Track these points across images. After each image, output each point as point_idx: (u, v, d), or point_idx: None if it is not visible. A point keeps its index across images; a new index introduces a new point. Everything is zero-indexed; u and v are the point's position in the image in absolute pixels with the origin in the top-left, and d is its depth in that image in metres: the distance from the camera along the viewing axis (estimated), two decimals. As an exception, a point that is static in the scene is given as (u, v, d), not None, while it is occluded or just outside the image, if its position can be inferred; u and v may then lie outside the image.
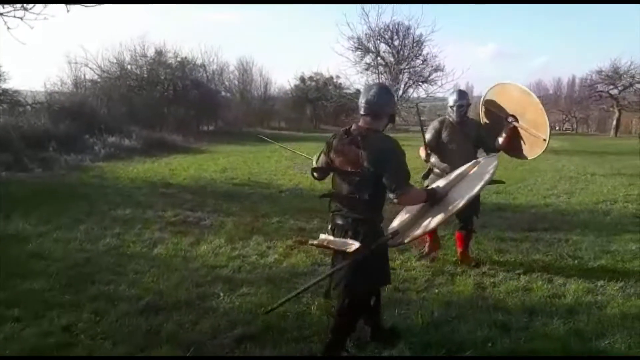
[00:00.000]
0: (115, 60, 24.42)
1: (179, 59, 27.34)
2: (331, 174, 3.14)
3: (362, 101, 2.97)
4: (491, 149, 4.88)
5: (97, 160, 13.10)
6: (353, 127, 2.98)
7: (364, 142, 2.84)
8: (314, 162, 3.30)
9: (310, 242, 3.16)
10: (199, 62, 29.63)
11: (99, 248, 5.30)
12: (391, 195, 2.89)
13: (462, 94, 5.03)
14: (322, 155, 3.18)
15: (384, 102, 2.97)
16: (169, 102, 25.96)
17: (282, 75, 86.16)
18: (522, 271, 4.71)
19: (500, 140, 4.80)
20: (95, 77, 23.82)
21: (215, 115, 30.32)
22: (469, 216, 4.89)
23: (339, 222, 3.01)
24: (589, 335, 3.41)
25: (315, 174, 3.20)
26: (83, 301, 3.83)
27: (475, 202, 4.35)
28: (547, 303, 3.98)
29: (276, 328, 3.44)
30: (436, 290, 4.24)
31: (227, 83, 36.28)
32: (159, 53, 26.28)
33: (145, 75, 25.55)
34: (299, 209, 7.44)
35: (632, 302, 3.99)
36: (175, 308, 3.75)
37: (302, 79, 46.78)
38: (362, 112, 2.96)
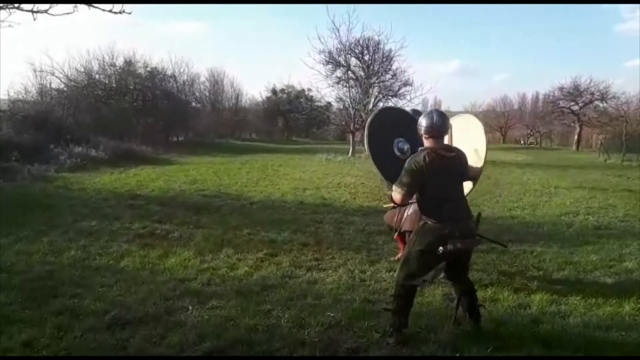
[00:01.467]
0: (82, 69, 23.92)
1: (148, 69, 27.01)
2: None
3: (433, 125, 3.48)
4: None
5: (62, 170, 12.75)
6: (435, 147, 3.46)
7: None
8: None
9: None
10: (169, 72, 29.35)
11: (63, 261, 5.15)
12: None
13: (416, 113, 5.10)
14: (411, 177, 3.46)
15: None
16: (138, 112, 25.55)
17: (253, 86, 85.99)
18: (489, 282, 4.81)
19: None
20: (62, 85, 23.25)
21: (185, 126, 30.00)
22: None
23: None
24: (553, 343, 3.50)
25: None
26: (46, 316, 3.72)
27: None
28: (514, 313, 4.07)
29: (245, 341, 3.41)
30: (406, 302, 4.28)
31: (197, 94, 35.99)
32: (128, 63, 25.90)
33: (114, 85, 25.11)
34: (270, 221, 7.42)
35: (593, 311, 4.12)
36: (143, 322, 3.68)
37: (274, 91, 46.89)
38: (434, 135, 3.49)
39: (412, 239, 3.61)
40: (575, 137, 46.52)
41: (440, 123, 3.51)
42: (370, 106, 27.57)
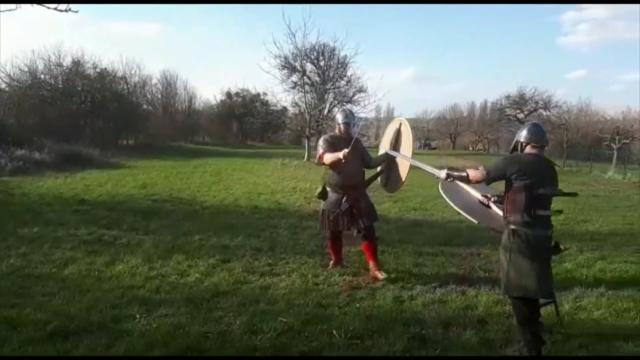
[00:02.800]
0: (26, 69, 22.90)
1: (98, 70, 26.22)
2: None
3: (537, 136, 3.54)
4: (367, 165, 5.39)
5: (2, 174, 12.15)
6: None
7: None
8: None
9: None
10: (119, 74, 28.60)
11: (2, 269, 4.89)
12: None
13: (349, 115, 5.55)
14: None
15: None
16: (86, 114, 24.75)
17: (208, 89, 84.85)
18: (437, 284, 4.92)
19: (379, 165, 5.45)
20: (4, 85, 22.20)
21: (136, 129, 29.27)
22: (370, 225, 5.16)
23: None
24: (498, 343, 3.63)
25: None
26: (-20, 328, 3.52)
27: (372, 210, 5.24)
28: (461, 314, 4.18)
29: (195, 349, 3.34)
30: (357, 305, 4.33)
31: (149, 96, 35.26)
32: (76, 63, 25.02)
33: (61, 86, 24.20)
34: (222, 226, 7.32)
35: (535, 311, 4.29)
36: (87, 332, 3.54)
37: (229, 95, 46.48)
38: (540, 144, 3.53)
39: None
40: (521, 143, 48.56)
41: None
42: (326, 111, 27.80)
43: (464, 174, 3.90)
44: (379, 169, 5.50)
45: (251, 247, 6.17)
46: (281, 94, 41.93)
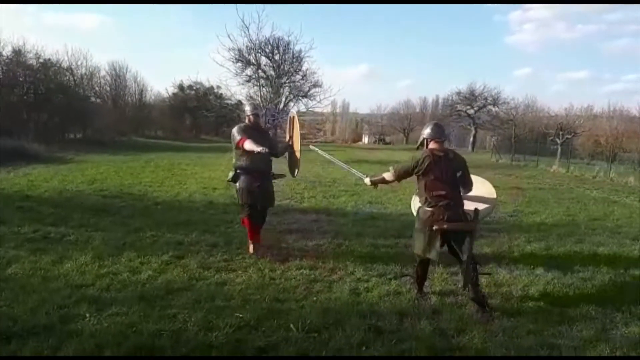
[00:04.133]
0: (-38, 58, 21.59)
1: (41, 60, 24.96)
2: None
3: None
4: (274, 154, 6.03)
5: (-64, 170, 11.42)
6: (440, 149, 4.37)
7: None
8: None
9: None
10: (65, 64, 27.37)
11: (-63, 271, 4.60)
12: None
13: (257, 107, 6.55)
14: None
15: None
16: (29, 106, 23.56)
17: (159, 82, 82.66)
18: (393, 276, 5.01)
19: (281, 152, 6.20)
20: None
21: (83, 123, 28.14)
22: (267, 206, 5.98)
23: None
24: (451, 332, 3.73)
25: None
26: None
27: (272, 196, 6.03)
28: (415, 305, 4.27)
29: (148, 348, 3.25)
30: (314, 298, 4.34)
31: (97, 88, 33.95)
32: (17, 52, 23.73)
33: (0, 76, 22.91)
34: (176, 222, 7.16)
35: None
36: (33, 333, 3.38)
37: (181, 87, 45.45)
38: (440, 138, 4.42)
39: None
40: (471, 138, 50.04)
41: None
42: (282, 106, 27.66)
43: (380, 177, 4.72)
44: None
45: (206, 242, 6.07)
46: (235, 87, 41.34)
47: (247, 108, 6.11)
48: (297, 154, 6.13)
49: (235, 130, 5.84)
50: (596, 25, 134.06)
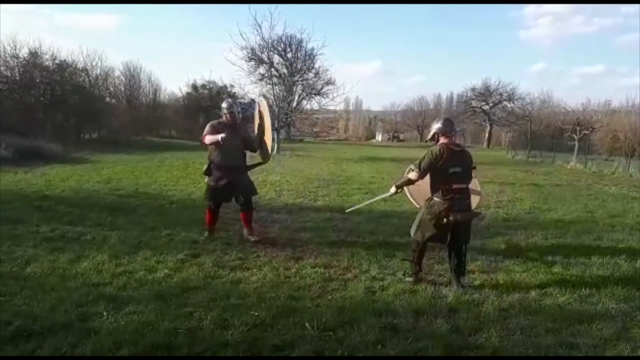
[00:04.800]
0: (-20, 61, 21.95)
1: (57, 61, 25.27)
2: None
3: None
4: (250, 148, 6.29)
5: (-44, 170, 11.63)
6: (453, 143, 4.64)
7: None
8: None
9: None
10: (80, 65, 27.67)
11: (-42, 270, 4.68)
12: None
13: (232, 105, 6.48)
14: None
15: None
16: (46, 107, 23.90)
17: (173, 81, 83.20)
18: (408, 274, 4.96)
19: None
20: (-44, 78, 21.23)
21: (99, 123, 28.47)
22: (247, 199, 6.23)
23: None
24: (468, 331, 3.69)
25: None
26: None
27: (250, 186, 6.33)
28: (431, 304, 4.23)
29: (165, 346, 3.27)
30: (329, 297, 4.33)
31: (112, 89, 34.27)
32: (34, 54, 24.06)
33: (17, 78, 23.26)
34: (191, 221, 7.19)
35: (503, 298, 4.39)
36: (52, 332, 3.42)
37: (195, 87, 45.61)
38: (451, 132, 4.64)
39: None
40: (486, 135, 49.64)
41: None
42: (295, 104, 27.68)
43: (406, 179, 4.84)
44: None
45: (221, 241, 6.09)
46: (248, 85, 41.47)
47: (224, 105, 6.36)
48: (267, 140, 6.34)
49: (207, 126, 6.14)
50: (613, 19, 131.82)
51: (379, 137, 72.84)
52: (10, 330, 3.39)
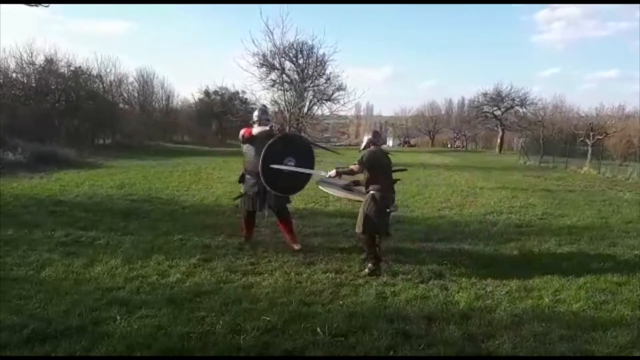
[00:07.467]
0: (-2, 68, 22.33)
1: (72, 68, 25.66)
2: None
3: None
4: None
5: (-27, 175, 11.81)
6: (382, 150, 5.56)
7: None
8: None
9: None
10: (94, 72, 28.06)
11: (-25, 273, 4.75)
12: None
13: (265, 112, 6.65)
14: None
15: None
16: (61, 113, 24.23)
17: (185, 87, 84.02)
18: (419, 280, 4.96)
19: None
20: (-27, 85, 21.61)
21: (112, 128, 28.79)
22: (283, 206, 6.24)
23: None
24: (481, 337, 3.66)
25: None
26: (-47, 334, 3.41)
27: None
28: (443, 310, 4.21)
29: (178, 350, 3.30)
30: (341, 302, 4.33)
31: (126, 95, 34.63)
32: (49, 61, 24.44)
33: (34, 85, 23.63)
34: (203, 226, 7.24)
35: (516, 305, 4.36)
36: (66, 335, 3.46)
37: (207, 93, 45.93)
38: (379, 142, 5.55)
39: None
40: (498, 140, 49.29)
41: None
42: (306, 109, 27.74)
43: (349, 168, 5.46)
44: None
45: (233, 246, 6.12)
46: (260, 91, 41.63)
47: (256, 113, 6.41)
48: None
49: (244, 128, 6.27)
50: (628, 23, 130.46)
51: (389, 143, 72.64)
52: (26, 334, 3.43)
